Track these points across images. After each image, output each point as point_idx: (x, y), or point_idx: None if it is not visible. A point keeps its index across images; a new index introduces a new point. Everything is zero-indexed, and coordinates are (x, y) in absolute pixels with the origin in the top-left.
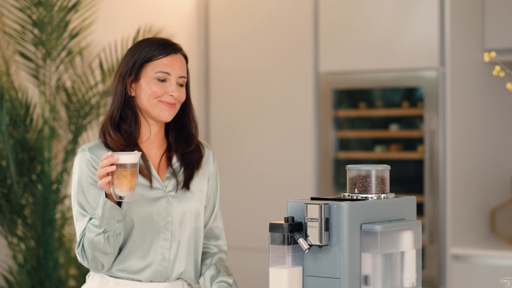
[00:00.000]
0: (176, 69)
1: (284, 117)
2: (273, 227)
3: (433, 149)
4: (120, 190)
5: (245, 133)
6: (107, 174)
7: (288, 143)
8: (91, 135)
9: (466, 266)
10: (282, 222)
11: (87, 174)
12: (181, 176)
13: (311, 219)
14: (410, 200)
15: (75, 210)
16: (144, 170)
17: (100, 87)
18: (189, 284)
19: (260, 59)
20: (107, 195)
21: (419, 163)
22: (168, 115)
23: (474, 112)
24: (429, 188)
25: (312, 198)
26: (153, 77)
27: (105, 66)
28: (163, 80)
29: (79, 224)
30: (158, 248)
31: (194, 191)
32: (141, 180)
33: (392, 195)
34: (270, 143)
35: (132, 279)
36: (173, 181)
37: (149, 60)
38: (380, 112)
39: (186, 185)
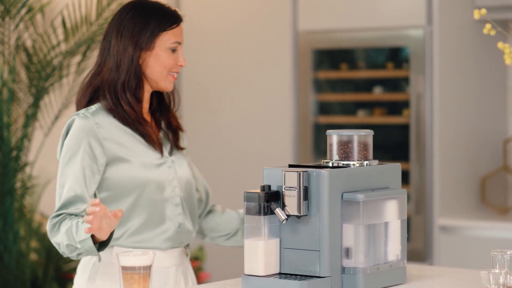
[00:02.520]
0: (182, 37)
1: (261, 79)
2: (248, 197)
3: (419, 113)
4: None
5: (219, 96)
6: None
7: (265, 107)
8: (53, 99)
9: (454, 237)
10: (258, 191)
11: (88, 145)
12: (172, 140)
13: (289, 187)
14: (395, 168)
15: (72, 173)
16: (156, 141)
17: (63, 47)
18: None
19: (235, 17)
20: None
21: (405, 128)
22: (172, 86)
23: (463, 73)
24: (415, 154)
25: (290, 165)
26: (168, 48)
27: (68, 24)
28: (175, 50)
29: (62, 192)
30: (172, 215)
31: (184, 153)
32: (145, 148)
33: (376, 162)
34: (245, 107)
35: (148, 248)
36: (168, 146)
37: (164, 29)
38: (363, 73)
39: (177, 146)
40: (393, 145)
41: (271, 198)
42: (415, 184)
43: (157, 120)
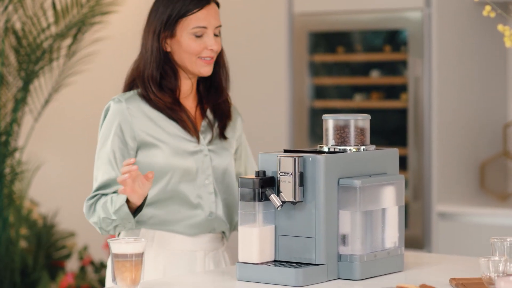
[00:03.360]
0: (212, 21)
1: (256, 63)
2: (243, 182)
3: (417, 97)
4: (122, 284)
5: None
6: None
7: (260, 91)
8: (43, 82)
9: (453, 224)
10: (253, 176)
11: (119, 128)
12: (216, 129)
13: (284, 173)
14: (392, 153)
15: (105, 156)
16: (192, 127)
17: (53, 29)
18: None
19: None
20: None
21: (402, 112)
22: (208, 70)
23: (462, 56)
24: (413, 139)
25: (286, 151)
26: (190, 33)
27: (58, 6)
28: (200, 36)
29: (102, 173)
30: (204, 203)
31: (229, 141)
32: (181, 134)
33: (373, 147)
34: (240, 91)
35: (175, 232)
36: (209, 135)
37: (184, 15)
38: (360, 57)
39: (222, 134)
40: (390, 130)
41: (266, 184)
42: (413, 170)
43: (202, 107)
